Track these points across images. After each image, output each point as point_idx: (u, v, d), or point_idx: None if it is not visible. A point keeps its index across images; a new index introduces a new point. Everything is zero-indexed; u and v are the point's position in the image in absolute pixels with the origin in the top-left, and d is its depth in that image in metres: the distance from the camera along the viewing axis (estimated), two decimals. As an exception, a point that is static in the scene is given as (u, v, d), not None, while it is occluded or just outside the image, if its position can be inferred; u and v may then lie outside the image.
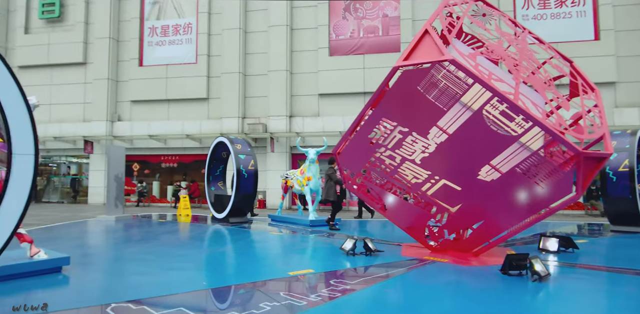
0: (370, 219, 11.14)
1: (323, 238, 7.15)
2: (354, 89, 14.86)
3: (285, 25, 15.21)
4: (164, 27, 16.51)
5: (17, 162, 2.29)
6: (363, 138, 4.97)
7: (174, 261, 5.05)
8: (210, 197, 10.63)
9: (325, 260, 5.03)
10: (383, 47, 14.64)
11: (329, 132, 14.70)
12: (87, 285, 3.92)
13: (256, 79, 15.89)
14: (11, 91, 2.29)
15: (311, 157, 8.85)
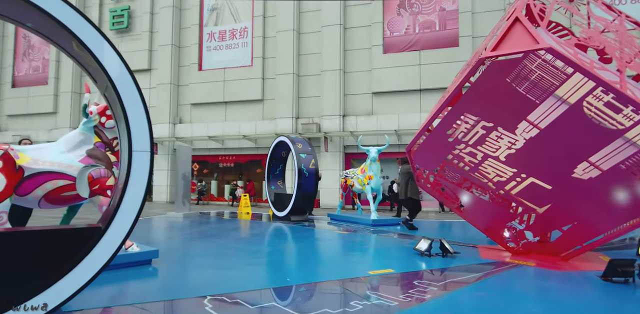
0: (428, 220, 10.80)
1: (389, 238, 7.02)
2: (409, 86, 14.51)
3: (338, 25, 15.20)
4: (221, 32, 17.14)
5: (135, 158, 2.41)
6: (440, 135, 4.78)
7: (252, 257, 5.18)
8: (271, 196, 10.85)
9: (401, 260, 4.91)
10: (440, 42, 14.15)
11: (383, 131, 14.48)
12: (177, 277, 4.11)
13: (309, 79, 16.02)
14: (132, 93, 2.41)
15: (372, 155, 8.73)
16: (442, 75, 13.96)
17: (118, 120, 2.76)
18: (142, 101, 2.53)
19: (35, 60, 21.03)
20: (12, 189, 3.87)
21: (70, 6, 2.27)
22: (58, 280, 2.31)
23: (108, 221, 2.44)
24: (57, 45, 2.66)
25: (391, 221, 8.97)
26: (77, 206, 4.67)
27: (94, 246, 2.41)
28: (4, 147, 3.92)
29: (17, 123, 21.38)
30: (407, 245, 6.14)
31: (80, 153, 4.33)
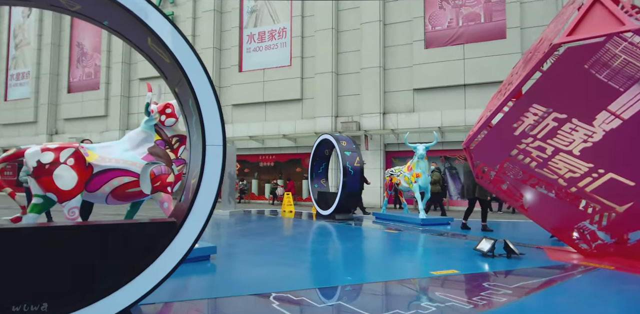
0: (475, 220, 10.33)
1: (442, 238, 6.75)
2: (453, 81, 14.02)
3: (378, 21, 14.96)
4: (260, 33, 17.38)
5: (209, 152, 2.39)
6: (504, 129, 4.51)
7: (306, 255, 5.14)
8: (314, 195, 10.82)
9: (463, 261, 4.67)
10: (485, 34, 13.56)
11: (425, 128, 14.09)
12: (237, 274, 4.12)
13: (349, 77, 15.89)
14: (206, 87, 2.40)
15: (420, 153, 8.46)
16: (488, 69, 13.38)
17: (189, 115, 2.77)
18: (215, 95, 2.52)
19: (87, 66, 22.31)
20: (83, 186, 4.04)
21: (148, 2, 2.29)
22: (136, 276, 2.33)
23: (184, 216, 2.44)
24: (130, 42, 2.71)
25: (441, 220, 8.66)
26: (139, 202, 4.81)
27: (170, 242, 2.41)
28: (74, 145, 4.10)
29: (72, 126, 22.78)
30: (465, 245, 5.87)
31: (143, 151, 4.45)
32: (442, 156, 14.63)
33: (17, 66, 24.85)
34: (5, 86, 25.24)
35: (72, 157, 3.98)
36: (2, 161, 3.93)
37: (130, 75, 21.06)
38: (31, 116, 23.72)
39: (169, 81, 2.82)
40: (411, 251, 5.79)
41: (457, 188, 14.78)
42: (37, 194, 4.06)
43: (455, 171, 14.84)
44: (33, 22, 23.89)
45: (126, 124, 20.97)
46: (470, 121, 13.70)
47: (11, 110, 24.70)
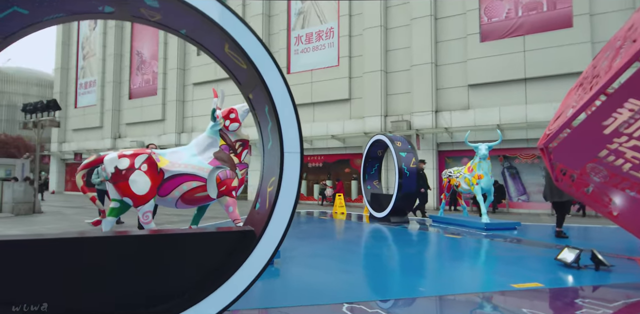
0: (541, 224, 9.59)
1: (512, 245, 6.30)
2: (511, 76, 13.18)
3: (429, 16, 14.43)
4: (308, 34, 17.44)
5: (287, 160, 2.30)
6: (593, 127, 4.05)
7: (369, 261, 4.98)
8: (367, 196, 10.61)
9: (544, 272, 4.28)
10: (548, 24, 12.59)
11: (481, 126, 13.37)
12: (302, 279, 4.04)
13: (398, 75, 15.48)
14: (283, 94, 2.32)
15: (483, 153, 7.98)
16: (552, 61, 12.43)
17: (263, 122, 2.72)
18: (292, 102, 2.44)
19: (146, 73, 23.67)
20: (156, 190, 4.18)
21: (230, 11, 2.26)
22: (217, 288, 2.30)
23: (264, 225, 2.38)
24: (205, 50, 2.70)
25: (507, 225, 8.12)
26: (205, 206, 4.91)
27: (250, 252, 2.37)
28: (147, 151, 4.25)
29: (133, 130, 24.29)
30: (541, 254, 5.42)
31: (209, 155, 4.53)
32: (501, 155, 13.81)
33: (85, 76, 26.94)
34: (75, 95, 27.48)
35: (146, 163, 4.12)
36: (85, 168, 4.16)
37: (185, 81, 22.05)
38: (97, 121, 25.61)
39: (242, 87, 2.78)
40: (481, 259, 5.43)
41: (517, 189, 13.89)
42: (114, 199, 4.26)
43: (515, 171, 13.95)
44: (98, 34, 25.77)
45: (181, 128, 21.97)
46: (532, 117, 12.81)
47: (80, 116, 26.83)
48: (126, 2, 2.29)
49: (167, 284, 2.35)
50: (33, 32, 2.37)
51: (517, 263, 4.90)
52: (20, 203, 11.36)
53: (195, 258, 2.42)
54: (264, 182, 2.80)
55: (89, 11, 2.36)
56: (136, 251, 2.28)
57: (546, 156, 4.80)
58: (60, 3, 2.20)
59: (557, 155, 4.59)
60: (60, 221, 9.63)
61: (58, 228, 8.24)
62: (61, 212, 12.44)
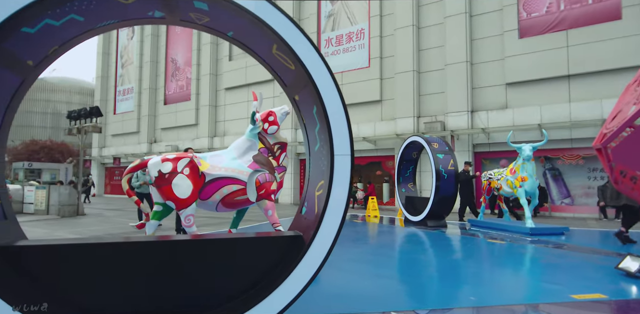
0: (588, 228, 9.00)
1: (563, 251, 5.92)
2: (553, 73, 12.54)
3: (463, 13, 14.01)
4: (338, 36, 17.38)
5: (337, 162, 2.22)
6: (660, 125, 3.73)
7: (409, 266, 4.81)
8: (401, 199, 10.38)
9: (606, 283, 3.97)
10: (594, 17, 11.90)
11: (521, 126, 12.80)
12: (346, 286, 3.93)
13: (431, 75, 15.12)
14: (333, 95, 2.25)
15: (527, 154, 7.60)
16: (599, 56, 11.73)
17: (310, 124, 2.65)
18: (343, 102, 2.36)
19: (180, 80, 24.40)
20: (197, 194, 4.20)
21: (281, 12, 2.21)
22: (268, 294, 2.24)
23: (314, 230, 2.31)
24: (251, 51, 2.67)
25: (554, 230, 7.67)
26: (244, 210, 4.91)
27: (301, 258, 2.29)
28: (189, 155, 4.29)
29: (168, 135, 25.06)
30: (598, 262, 5.06)
31: (248, 159, 4.52)
32: (542, 156, 13.16)
33: (123, 83, 28.12)
34: (114, 101, 28.72)
35: (188, 167, 4.16)
36: (130, 172, 4.25)
37: (217, 86, 22.53)
38: (134, 127, 26.62)
39: (288, 89, 2.73)
40: (531, 266, 5.12)
41: (560, 192, 13.18)
42: (157, 202, 4.33)
43: (557, 173, 13.25)
44: (135, 43, 26.85)
45: (214, 132, 22.44)
46: (576, 116, 12.14)
47: (119, 122, 28.00)
48: (176, 7, 2.29)
49: (217, 287, 2.33)
50: (87, 38, 2.41)
51: (573, 271, 4.58)
52: (65, 206, 11.93)
53: (246, 263, 2.38)
54: (310, 185, 2.73)
55: (140, 17, 2.38)
56: (195, 254, 2.28)
57: (604, 157, 4.48)
58: (114, 9, 2.23)
59: (617, 156, 4.27)
60: (102, 223, 10.00)
61: (101, 230, 8.55)
62: (102, 214, 12.95)
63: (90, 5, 2.09)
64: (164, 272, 2.25)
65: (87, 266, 2.17)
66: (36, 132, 51.05)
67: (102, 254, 2.19)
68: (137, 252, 2.25)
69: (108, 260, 2.19)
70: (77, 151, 38.52)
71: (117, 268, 2.20)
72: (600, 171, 12.37)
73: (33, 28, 1.99)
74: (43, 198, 12.22)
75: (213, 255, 2.36)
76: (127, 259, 2.22)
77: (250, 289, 2.34)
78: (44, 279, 2.10)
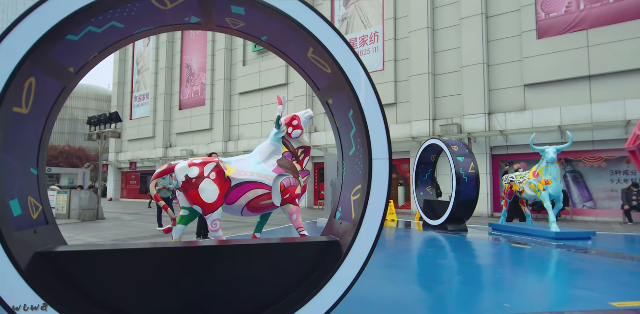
0: (615, 233, 8.74)
1: (591, 257, 5.75)
2: (574, 73, 12.31)
3: (480, 14, 13.88)
4: (352, 40, 17.39)
5: (376, 166, 2.18)
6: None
7: (436, 272, 4.72)
8: (420, 203, 10.25)
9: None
10: (616, 16, 11.66)
11: (540, 128, 12.57)
12: (373, 291, 3.85)
13: (447, 77, 14.99)
14: (372, 98, 2.23)
15: (551, 156, 7.43)
16: (622, 56, 11.48)
17: (345, 127, 2.62)
18: (381, 106, 2.33)
19: (195, 85, 24.71)
20: (224, 199, 4.21)
21: (318, 15, 2.20)
22: (307, 302, 2.21)
23: (354, 234, 2.27)
24: (284, 56, 2.67)
25: (580, 235, 7.47)
26: (268, 214, 4.90)
27: (341, 263, 2.26)
28: (215, 160, 4.30)
29: (183, 140, 25.35)
30: (632, 268, 4.89)
31: (273, 163, 4.52)
32: (562, 158, 12.88)
33: (139, 89, 28.61)
34: (130, 107, 29.22)
35: (214, 172, 4.17)
36: (158, 177, 4.28)
37: (231, 91, 22.74)
38: (150, 132, 27.01)
39: (321, 93, 2.71)
40: (562, 272, 4.98)
41: (582, 195, 12.86)
42: (184, 207, 4.35)
43: (578, 175, 12.94)
44: (151, 50, 27.32)
45: (228, 136, 22.62)
46: (598, 117, 11.87)
47: (135, 127, 28.45)
48: (213, 12, 2.30)
49: (252, 294, 2.30)
50: (125, 45, 2.44)
51: (608, 277, 4.43)
52: (85, 210, 12.12)
53: (281, 269, 2.35)
54: (345, 190, 2.69)
55: (177, 23, 2.40)
56: (231, 260, 2.27)
57: (638, 159, 4.34)
58: (153, 16, 2.24)
59: (654, 158, 4.13)
60: (122, 227, 10.13)
61: (122, 234, 8.65)
62: (121, 218, 13.12)
63: (132, 12, 2.11)
64: (199, 278, 2.24)
65: (120, 271, 2.17)
66: (54, 138, 52.23)
67: (133, 260, 2.20)
68: (167, 258, 2.25)
69: (137, 265, 2.20)
70: (94, 156, 39.32)
71: (146, 273, 2.21)
72: (624, 173, 12.05)
73: (77, 36, 2.01)
74: (64, 203, 12.45)
75: (246, 261, 2.35)
76: (156, 266, 2.22)
77: (288, 295, 2.31)
78: (83, 284, 2.11)
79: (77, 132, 54.50)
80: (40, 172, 2.28)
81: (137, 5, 2.06)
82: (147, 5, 2.09)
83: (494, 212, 13.97)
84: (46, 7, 1.80)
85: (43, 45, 1.84)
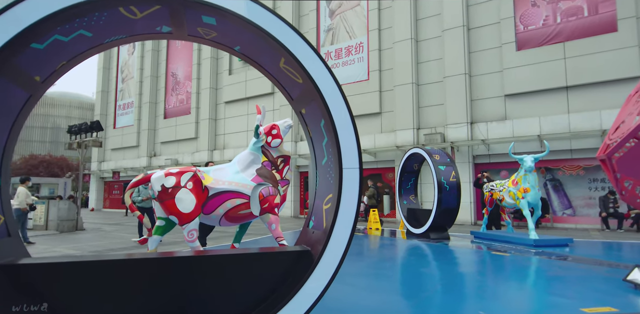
0: (592, 240, 8.93)
1: (568, 264, 5.85)
2: (552, 84, 12.67)
3: (461, 26, 14.24)
4: (337, 50, 17.61)
5: (346, 176, 2.20)
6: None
7: (417, 280, 4.73)
8: (403, 211, 10.31)
9: (614, 295, 3.89)
10: (591, 29, 12.10)
11: (521, 137, 12.85)
12: (354, 301, 3.84)
13: (430, 87, 15.25)
14: (342, 108, 2.25)
15: (529, 165, 7.58)
16: (596, 68, 11.88)
17: (317, 137, 2.64)
18: (351, 116, 2.35)
19: (180, 93, 24.57)
20: (201, 208, 4.16)
21: (289, 26, 2.23)
22: (279, 310, 2.19)
23: (324, 243, 2.27)
24: (258, 66, 2.68)
25: (558, 242, 7.59)
26: (247, 224, 4.85)
27: (310, 273, 2.25)
28: (193, 169, 4.26)
29: (168, 148, 25.06)
30: (605, 274, 4.98)
31: (251, 172, 4.49)
32: (542, 167, 13.16)
33: (124, 98, 28.29)
34: (114, 115, 28.83)
35: (191, 181, 4.13)
36: (133, 186, 4.21)
37: (217, 100, 22.67)
38: (134, 141, 26.64)
39: (295, 102, 2.73)
40: (538, 279, 5.04)
41: (561, 203, 13.12)
42: (160, 217, 4.27)
43: (558, 183, 13.22)
44: (136, 58, 27.13)
45: (213, 145, 22.46)
46: (576, 126, 12.20)
47: (118, 136, 28.03)
48: (184, 22, 2.31)
49: (222, 304, 2.27)
50: (94, 54, 2.42)
51: (581, 283, 4.51)
52: (64, 221, 11.81)
53: (252, 279, 2.33)
54: (317, 199, 2.70)
55: (148, 32, 2.40)
56: (201, 271, 2.23)
57: (609, 168, 4.47)
58: (122, 25, 2.24)
59: (622, 166, 4.27)
60: (102, 238, 9.88)
61: (101, 245, 8.44)
62: (101, 229, 12.81)
63: (99, 21, 2.10)
64: (168, 289, 2.20)
65: (91, 283, 2.12)
66: (35, 147, 51.05)
67: (105, 272, 2.15)
68: (141, 269, 2.20)
69: (110, 277, 2.15)
70: (76, 165, 38.49)
71: (120, 285, 2.16)
72: (601, 181, 12.36)
73: (42, 44, 1.99)
74: (42, 213, 12.11)
75: (219, 271, 2.32)
76: (131, 276, 2.18)
77: (258, 305, 2.29)
78: (46, 297, 2.05)
79: (59, 141, 53.36)
80: (3, 183, 2.22)
81: (105, 14, 2.06)
82: (115, 14, 2.09)
83: (477, 220, 14.11)
84: (7, 15, 1.78)
85: (5, 53, 1.82)
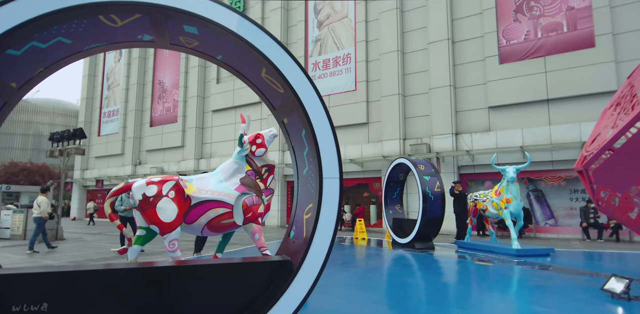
0: (574, 249, 9.07)
1: (550, 273, 5.91)
2: (533, 97, 13.02)
3: (446, 39, 14.58)
4: (325, 61, 17.80)
5: (326, 185, 2.20)
6: (637, 149, 3.86)
7: (402, 290, 4.71)
8: (389, 221, 10.33)
9: (593, 304, 3.95)
10: (569, 45, 12.52)
11: (504, 148, 13.11)
12: (338, 310, 3.81)
13: (417, 98, 15.50)
14: (322, 118, 2.28)
15: (511, 176, 7.72)
16: (576, 82, 12.26)
17: (298, 147, 2.65)
18: (331, 126, 2.37)
19: (167, 102, 24.39)
20: (182, 218, 4.10)
21: (270, 37, 2.25)
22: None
23: (303, 253, 2.25)
24: (240, 75, 2.70)
25: (539, 251, 7.69)
26: (230, 234, 4.79)
27: (290, 283, 2.23)
28: (175, 178, 4.21)
29: (153, 157, 24.73)
30: (584, 283, 5.06)
31: (235, 181, 4.46)
32: (525, 177, 13.40)
33: (109, 105, 27.94)
34: (98, 123, 28.40)
35: (173, 190, 4.07)
36: (114, 195, 4.13)
37: (204, 108, 22.57)
38: (119, 149, 26.23)
39: (277, 112, 2.75)
40: (519, 288, 5.08)
41: (544, 213, 13.34)
42: (141, 226, 4.19)
43: (540, 194, 13.46)
44: (122, 65, 26.93)
45: (200, 154, 22.26)
46: (557, 138, 12.51)
47: (103, 144, 27.58)
48: (166, 31, 2.31)
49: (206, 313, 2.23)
50: (74, 61, 2.40)
51: (560, 292, 4.56)
52: (43, 230, 11.44)
53: (232, 289, 2.30)
54: (298, 209, 2.69)
55: (129, 40, 2.39)
56: (180, 281, 2.19)
57: (585, 179, 4.58)
58: (103, 33, 2.23)
59: (598, 177, 4.38)
60: (83, 248, 9.62)
61: (82, 255, 8.21)
62: (82, 239, 12.49)
63: (79, 28, 2.09)
64: (148, 299, 2.15)
65: (67, 294, 2.06)
66: (16, 154, 49.79)
67: (82, 283, 2.09)
68: (121, 279, 2.15)
69: (88, 288, 2.09)
70: (58, 173, 37.58)
71: (98, 296, 2.10)
72: (582, 192, 12.62)
73: (19, 50, 1.97)
74: (20, 222, 11.75)
75: (199, 281, 2.28)
76: (110, 287, 2.12)
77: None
78: (21, 311, 1.98)
79: (42, 148, 52.16)
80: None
81: (85, 22, 2.05)
82: (95, 22, 2.08)
83: (463, 230, 14.19)
84: (-17, 21, 1.76)
85: (-21, 59, 1.79)
